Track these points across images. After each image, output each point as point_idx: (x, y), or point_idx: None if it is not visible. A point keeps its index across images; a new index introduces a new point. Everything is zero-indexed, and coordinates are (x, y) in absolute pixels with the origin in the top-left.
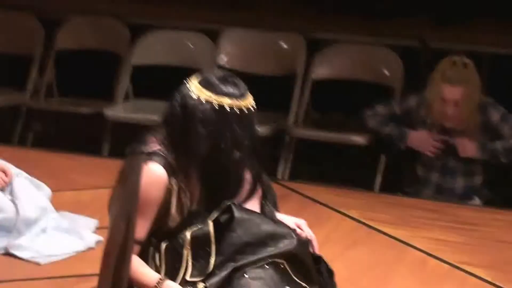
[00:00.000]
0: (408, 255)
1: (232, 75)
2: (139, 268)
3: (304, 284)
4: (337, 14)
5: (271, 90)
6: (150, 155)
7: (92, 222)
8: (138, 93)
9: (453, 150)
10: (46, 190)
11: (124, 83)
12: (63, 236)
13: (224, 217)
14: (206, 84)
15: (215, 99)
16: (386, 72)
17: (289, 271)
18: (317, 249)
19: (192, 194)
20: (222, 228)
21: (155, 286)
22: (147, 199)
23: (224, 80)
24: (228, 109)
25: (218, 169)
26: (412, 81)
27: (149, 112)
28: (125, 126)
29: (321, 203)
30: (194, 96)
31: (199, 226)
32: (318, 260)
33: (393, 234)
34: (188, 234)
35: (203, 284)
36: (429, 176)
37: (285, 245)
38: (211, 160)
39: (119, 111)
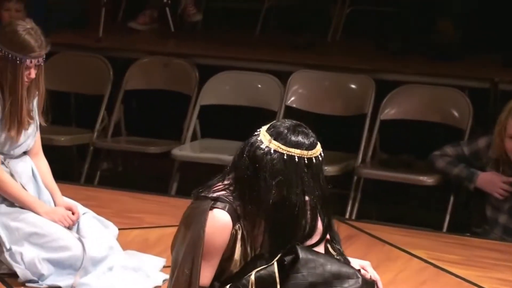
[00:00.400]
0: None
1: (302, 125)
2: None
3: None
4: (406, 55)
5: (339, 130)
6: (215, 201)
7: (159, 261)
8: (206, 133)
9: None
10: (113, 229)
11: (192, 123)
12: (130, 275)
13: (288, 258)
14: (275, 134)
15: (284, 149)
16: (455, 113)
17: None
18: None
19: (255, 240)
20: (286, 269)
21: None
22: (212, 246)
23: (293, 130)
24: (297, 159)
25: (286, 219)
26: (481, 123)
27: (217, 152)
28: (193, 166)
29: (388, 243)
30: (263, 146)
31: (263, 266)
32: None
33: (461, 275)
34: (252, 274)
35: None
36: (497, 217)
37: (350, 285)
38: (279, 210)
39: (187, 150)
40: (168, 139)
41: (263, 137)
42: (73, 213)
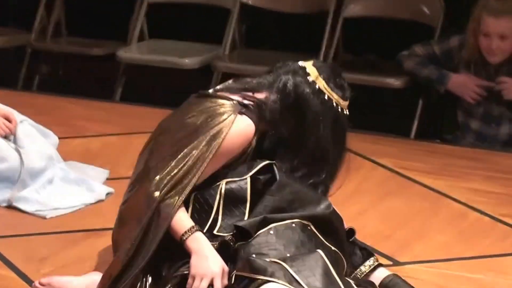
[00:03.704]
0: (446, 207)
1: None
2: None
3: (334, 248)
4: None
5: (299, 30)
6: (245, 108)
7: (103, 173)
8: (153, 33)
9: (497, 96)
10: (53, 138)
11: (139, 22)
12: (71, 188)
13: (265, 177)
14: (324, 73)
15: (328, 90)
16: (425, 10)
17: (318, 234)
18: None
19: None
20: (260, 188)
21: (183, 234)
22: (226, 149)
23: (338, 74)
24: (334, 104)
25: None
26: (454, 20)
27: (166, 53)
28: (140, 69)
29: (351, 151)
30: (310, 79)
31: (235, 179)
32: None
33: (430, 185)
34: (222, 186)
35: (230, 236)
36: (469, 123)
37: (321, 209)
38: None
39: (133, 52)
40: (113, 40)
41: (311, 70)
42: (9, 121)
